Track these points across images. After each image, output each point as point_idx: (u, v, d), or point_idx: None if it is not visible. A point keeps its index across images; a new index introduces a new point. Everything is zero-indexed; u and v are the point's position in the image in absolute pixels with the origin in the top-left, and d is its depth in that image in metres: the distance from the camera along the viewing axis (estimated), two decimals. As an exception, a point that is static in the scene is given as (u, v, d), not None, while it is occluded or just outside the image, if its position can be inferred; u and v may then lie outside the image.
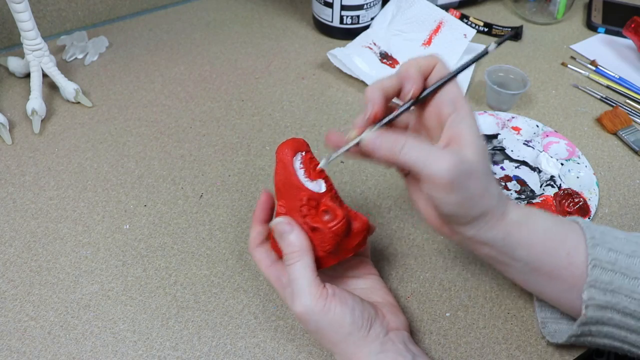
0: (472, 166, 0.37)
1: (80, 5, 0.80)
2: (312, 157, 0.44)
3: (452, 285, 0.51)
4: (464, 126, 0.38)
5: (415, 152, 0.37)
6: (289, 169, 0.42)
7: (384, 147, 0.39)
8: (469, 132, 0.38)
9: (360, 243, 0.44)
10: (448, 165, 0.36)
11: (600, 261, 0.39)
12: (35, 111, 0.64)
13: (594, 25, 0.85)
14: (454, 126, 0.39)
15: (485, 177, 0.38)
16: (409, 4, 0.77)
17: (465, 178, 0.37)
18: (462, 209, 0.38)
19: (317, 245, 0.42)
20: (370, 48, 0.75)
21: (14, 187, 0.59)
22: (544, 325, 0.46)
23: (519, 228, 0.40)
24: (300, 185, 0.42)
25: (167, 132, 0.66)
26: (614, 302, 0.39)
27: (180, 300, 0.49)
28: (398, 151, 0.38)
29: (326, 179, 0.44)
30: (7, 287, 0.50)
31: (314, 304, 0.39)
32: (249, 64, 0.76)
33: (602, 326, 0.40)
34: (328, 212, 0.41)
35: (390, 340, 0.41)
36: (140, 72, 0.74)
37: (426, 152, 0.37)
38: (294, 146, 0.43)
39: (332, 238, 0.41)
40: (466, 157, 0.37)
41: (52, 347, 0.46)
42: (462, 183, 0.37)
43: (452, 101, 0.39)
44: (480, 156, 0.38)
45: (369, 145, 0.39)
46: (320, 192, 0.42)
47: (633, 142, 0.65)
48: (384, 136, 0.39)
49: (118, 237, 0.54)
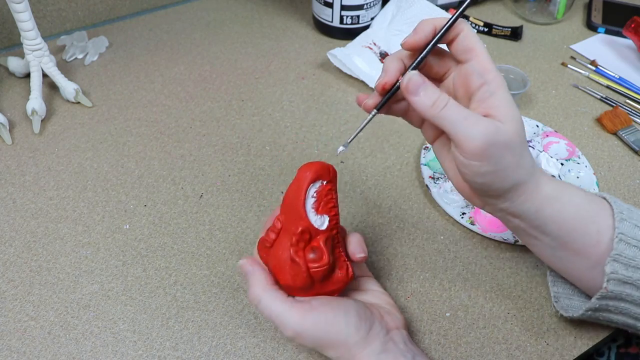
0: (508, 137, 0.36)
1: (80, 5, 0.80)
2: (331, 190, 0.42)
3: (452, 285, 0.51)
4: (497, 98, 0.37)
5: (455, 111, 0.36)
6: (299, 194, 0.41)
7: (432, 94, 0.37)
8: (503, 104, 0.37)
9: (334, 291, 0.42)
10: (486, 132, 0.35)
11: (626, 236, 0.39)
12: (35, 111, 0.64)
13: (594, 25, 0.85)
14: (487, 99, 0.38)
15: (520, 149, 0.38)
16: (409, 4, 0.77)
17: (500, 148, 0.36)
18: (493, 180, 0.37)
19: (290, 277, 0.41)
20: (370, 48, 0.75)
21: (14, 187, 0.59)
22: (556, 299, 0.46)
23: (551, 202, 0.40)
24: (302, 215, 0.41)
25: (167, 132, 0.66)
26: (635, 277, 0.39)
27: (180, 300, 0.49)
28: (441, 106, 0.36)
29: (333, 217, 0.42)
30: (7, 287, 0.50)
31: (301, 322, 0.39)
32: (249, 64, 0.76)
33: (620, 302, 0.40)
34: (316, 251, 0.41)
35: (392, 340, 0.41)
36: (140, 72, 0.74)
37: (467, 115, 0.36)
38: (317, 172, 0.41)
39: (306, 277, 0.40)
40: (502, 128, 0.36)
41: (52, 347, 0.46)
42: (495, 153, 0.36)
43: (480, 72, 0.38)
44: (517, 128, 0.37)
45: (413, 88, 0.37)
46: (319, 228, 0.41)
47: (633, 142, 0.65)
48: (431, 86, 0.37)
49: (118, 237, 0.54)
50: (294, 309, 0.40)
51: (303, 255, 0.40)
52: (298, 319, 0.39)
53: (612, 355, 0.58)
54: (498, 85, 0.38)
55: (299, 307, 0.40)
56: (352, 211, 0.57)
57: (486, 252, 0.54)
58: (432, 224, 0.56)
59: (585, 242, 0.40)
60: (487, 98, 0.37)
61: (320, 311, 0.40)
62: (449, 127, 0.36)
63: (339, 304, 0.41)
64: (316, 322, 0.39)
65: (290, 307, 0.40)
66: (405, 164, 0.62)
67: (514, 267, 0.52)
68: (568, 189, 0.41)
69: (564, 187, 0.41)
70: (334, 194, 0.42)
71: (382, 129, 0.66)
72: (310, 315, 0.39)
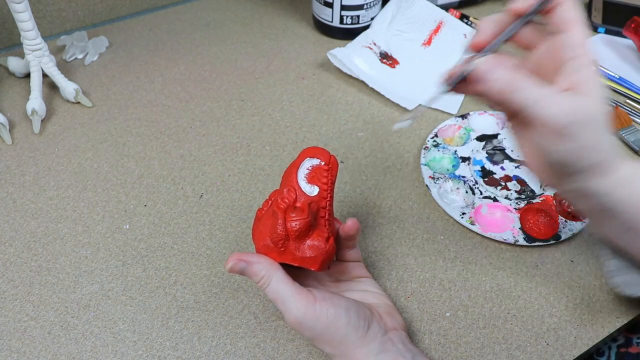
0: (589, 115, 0.35)
1: (80, 5, 0.80)
2: (327, 171, 0.43)
3: (452, 285, 0.51)
4: (586, 72, 0.36)
5: (530, 91, 0.35)
6: (294, 164, 0.43)
7: (500, 80, 0.36)
8: (592, 79, 0.36)
9: (312, 260, 0.41)
10: (564, 110, 0.34)
11: None
12: (35, 111, 0.64)
13: (594, 25, 0.85)
14: (575, 72, 0.36)
15: (601, 128, 0.37)
16: (409, 4, 0.77)
17: (580, 127, 0.35)
18: (571, 158, 0.37)
19: (267, 230, 0.41)
20: (370, 48, 0.75)
21: (14, 187, 0.59)
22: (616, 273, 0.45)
23: (627, 185, 0.39)
24: (293, 179, 0.42)
25: (167, 132, 0.66)
26: None
27: (180, 300, 0.49)
28: (514, 89, 0.36)
29: (324, 191, 0.42)
30: (7, 287, 0.50)
31: (304, 311, 0.39)
32: (249, 64, 0.76)
33: None
34: (297, 210, 0.41)
35: (390, 340, 0.41)
36: (140, 72, 0.74)
37: (542, 94, 0.35)
38: (317, 151, 0.43)
39: (282, 229, 0.40)
40: (585, 105, 0.35)
41: (52, 347, 0.46)
42: (575, 131, 0.35)
43: (574, 46, 0.36)
44: (600, 106, 0.36)
45: (486, 71, 0.36)
46: (307, 193, 0.42)
47: (633, 142, 0.65)
48: (501, 67, 0.36)
49: (118, 237, 0.54)
50: (300, 296, 0.39)
51: (284, 210, 0.41)
52: (301, 307, 0.39)
53: (612, 355, 0.58)
54: (587, 61, 0.37)
55: (304, 296, 0.39)
56: (352, 211, 0.57)
57: (486, 252, 0.54)
58: (432, 224, 0.56)
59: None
60: (575, 72, 0.36)
61: (323, 305, 0.39)
62: (526, 110, 0.36)
63: (340, 301, 0.41)
64: (318, 315, 0.39)
65: (296, 294, 0.39)
66: (405, 164, 0.62)
67: (514, 267, 0.52)
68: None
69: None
70: (329, 176, 0.43)
71: (382, 129, 0.66)
72: (313, 307, 0.39)
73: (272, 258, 0.41)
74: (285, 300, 0.39)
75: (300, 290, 0.40)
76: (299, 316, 0.39)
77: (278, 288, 0.39)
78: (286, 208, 0.41)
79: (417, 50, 0.76)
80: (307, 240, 0.41)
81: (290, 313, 0.39)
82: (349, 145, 0.64)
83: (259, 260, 0.40)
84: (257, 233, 0.42)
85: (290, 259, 0.41)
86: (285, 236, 0.40)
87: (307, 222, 0.40)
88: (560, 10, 0.37)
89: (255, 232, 0.43)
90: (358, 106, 0.70)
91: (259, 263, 0.40)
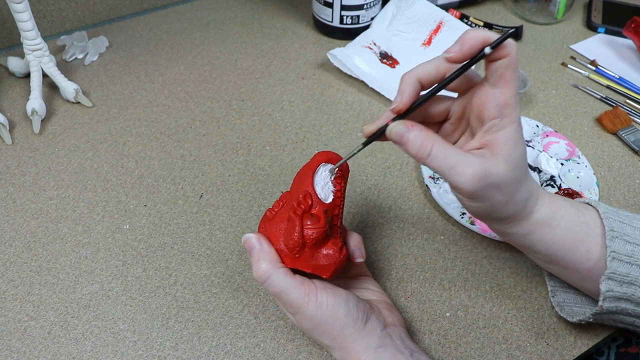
0: (498, 179, 0.37)
1: (80, 5, 0.80)
2: (340, 177, 0.43)
3: (452, 285, 0.51)
4: (503, 135, 0.37)
5: (441, 159, 0.36)
6: (310, 167, 0.42)
7: (412, 146, 0.37)
8: (506, 141, 0.37)
9: (326, 269, 0.41)
10: (471, 177, 0.36)
11: (619, 254, 0.40)
12: (35, 111, 0.64)
13: (594, 25, 0.85)
14: (492, 132, 0.37)
15: (513, 186, 0.38)
16: (409, 4, 0.77)
17: (490, 190, 0.37)
18: (486, 213, 0.39)
19: (283, 236, 0.41)
20: (370, 48, 0.75)
21: (14, 187, 0.59)
22: (553, 294, 0.48)
23: (541, 228, 0.41)
24: (309, 183, 0.42)
25: (167, 132, 0.66)
26: (629, 293, 0.40)
27: (180, 300, 0.49)
28: (426, 154, 0.37)
29: (338, 198, 0.43)
30: (7, 287, 0.50)
31: (306, 301, 0.39)
32: (249, 64, 0.76)
33: (615, 315, 0.42)
34: (314, 217, 0.41)
35: (389, 336, 0.41)
36: (140, 72, 0.74)
37: (453, 160, 0.36)
38: (330, 157, 0.43)
39: (298, 237, 0.40)
40: (493, 170, 0.36)
41: (52, 347, 0.46)
42: (486, 194, 0.37)
43: (499, 106, 0.37)
44: (511, 167, 0.37)
45: (396, 138, 0.38)
46: (322, 200, 0.42)
47: (633, 142, 0.65)
48: (413, 132, 0.37)
49: (118, 237, 0.54)
50: (300, 286, 0.40)
51: (301, 216, 0.41)
52: (302, 297, 0.39)
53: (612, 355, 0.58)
54: (510, 122, 0.37)
55: (305, 286, 0.40)
56: (352, 211, 0.57)
57: (486, 252, 0.54)
58: (432, 224, 0.56)
59: (574, 260, 0.42)
60: (494, 132, 0.37)
61: (323, 294, 0.40)
62: (439, 174, 0.37)
63: (340, 291, 0.41)
64: (318, 305, 0.39)
65: (296, 285, 0.40)
66: (405, 164, 0.62)
67: (514, 267, 0.52)
68: (560, 212, 0.41)
69: (557, 211, 0.41)
70: (342, 183, 0.43)
71: (382, 129, 0.66)
72: (314, 296, 0.40)
73: (285, 263, 0.41)
74: (285, 290, 0.40)
75: (302, 281, 0.40)
76: (299, 306, 0.39)
77: (280, 281, 0.40)
78: (302, 214, 0.41)
79: (417, 51, 0.76)
80: (322, 248, 0.41)
81: (290, 304, 0.40)
82: (349, 145, 0.64)
83: (266, 254, 0.41)
84: (269, 234, 0.42)
85: (304, 265, 0.41)
86: (302, 243, 0.41)
87: (324, 231, 0.41)
88: (503, 65, 0.36)
89: (264, 232, 0.43)
90: (358, 106, 0.70)
91: (265, 257, 0.41)
